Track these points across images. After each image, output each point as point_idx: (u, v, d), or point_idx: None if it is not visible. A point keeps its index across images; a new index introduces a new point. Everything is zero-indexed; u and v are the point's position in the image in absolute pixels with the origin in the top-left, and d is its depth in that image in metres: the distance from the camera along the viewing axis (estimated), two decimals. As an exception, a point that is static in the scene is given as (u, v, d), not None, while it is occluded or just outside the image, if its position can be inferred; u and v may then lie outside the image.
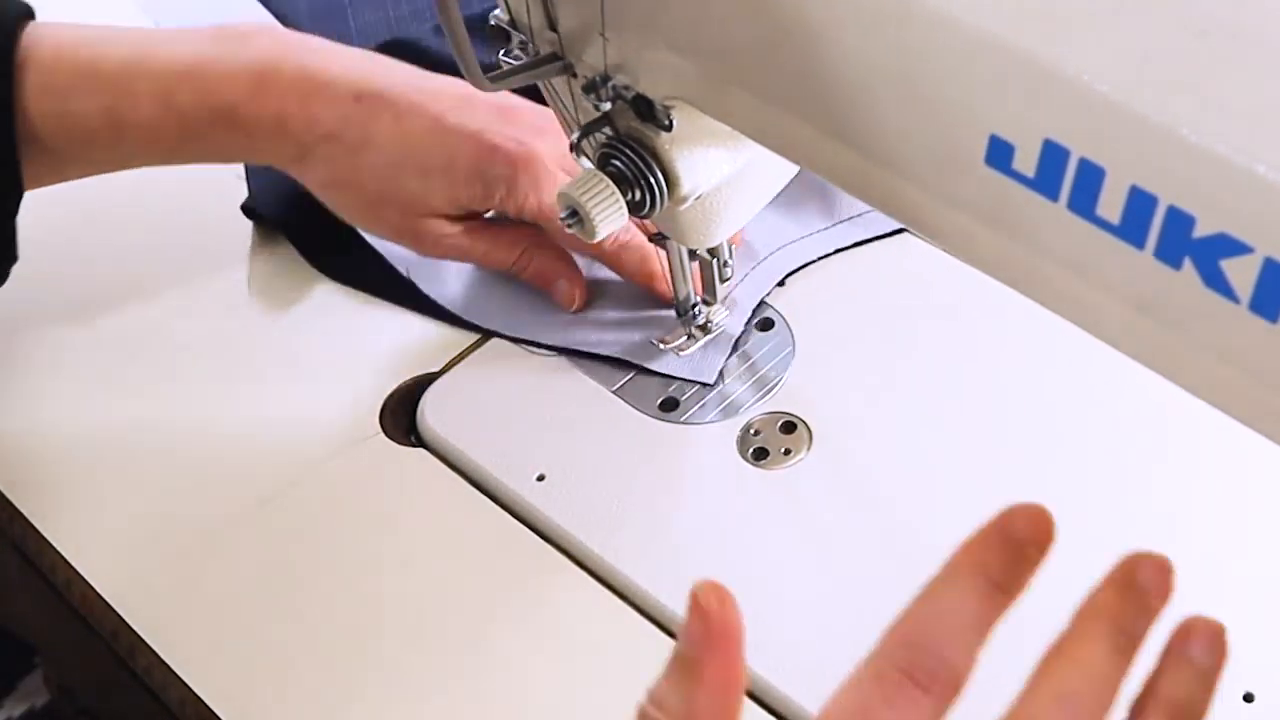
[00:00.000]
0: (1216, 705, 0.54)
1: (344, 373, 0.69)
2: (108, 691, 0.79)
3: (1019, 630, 0.58)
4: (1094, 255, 0.38)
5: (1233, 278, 0.35)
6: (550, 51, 0.55)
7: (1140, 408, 0.63)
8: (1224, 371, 0.38)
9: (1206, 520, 0.60)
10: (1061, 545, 0.60)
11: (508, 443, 0.65)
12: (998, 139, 0.39)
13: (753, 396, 0.67)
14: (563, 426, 0.66)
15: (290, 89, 0.64)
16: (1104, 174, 0.37)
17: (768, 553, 0.61)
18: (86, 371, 0.70)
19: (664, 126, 0.52)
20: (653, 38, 0.49)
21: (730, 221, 0.61)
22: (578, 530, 0.62)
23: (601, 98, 0.53)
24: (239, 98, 0.63)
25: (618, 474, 0.64)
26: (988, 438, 0.64)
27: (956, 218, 0.42)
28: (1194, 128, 0.35)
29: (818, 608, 0.59)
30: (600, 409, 0.67)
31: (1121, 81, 0.36)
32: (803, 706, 0.56)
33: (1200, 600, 0.57)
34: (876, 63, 0.42)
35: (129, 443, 0.67)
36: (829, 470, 0.63)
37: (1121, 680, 0.39)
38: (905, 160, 0.43)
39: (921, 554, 0.60)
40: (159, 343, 0.71)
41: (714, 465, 0.64)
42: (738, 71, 0.47)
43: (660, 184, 0.54)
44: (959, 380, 0.66)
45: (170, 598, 0.62)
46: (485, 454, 0.65)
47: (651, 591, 0.60)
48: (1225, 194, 0.35)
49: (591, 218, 0.54)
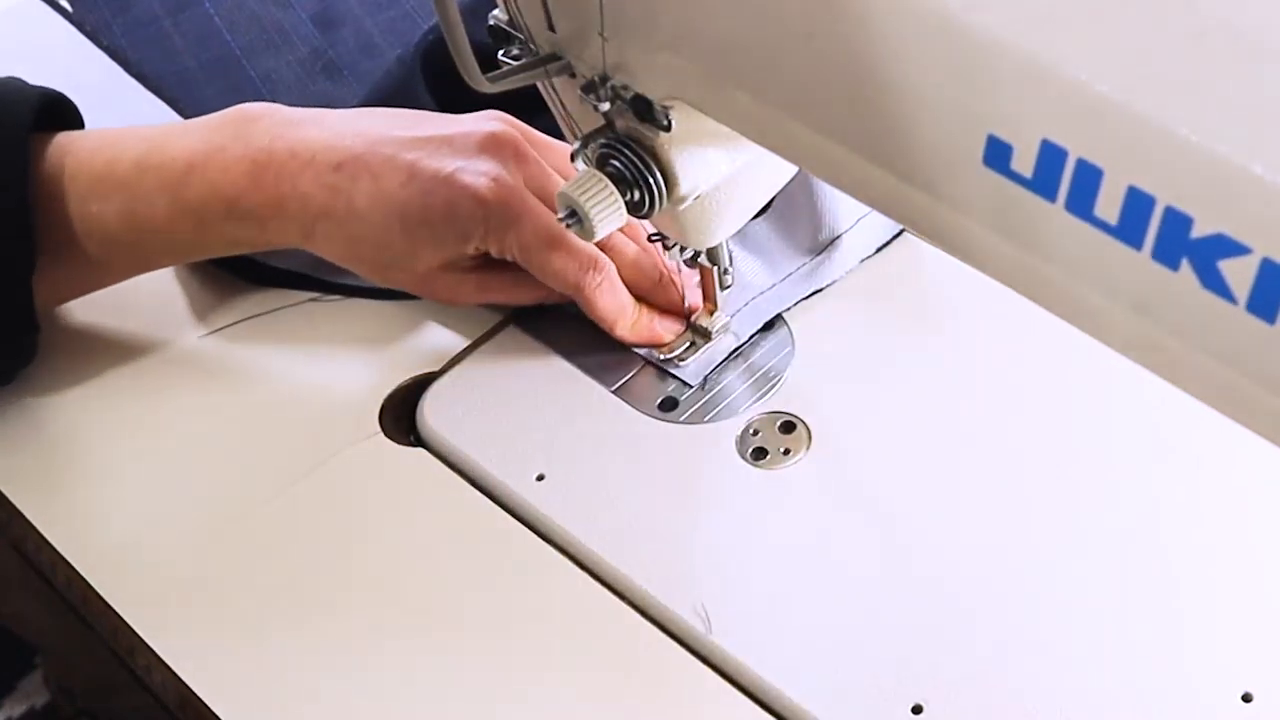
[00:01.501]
0: (1216, 705, 0.54)
1: (344, 372, 0.69)
2: (108, 691, 0.79)
3: (1019, 630, 0.58)
4: (1092, 256, 0.38)
5: (1230, 278, 0.35)
6: (549, 51, 0.55)
7: (1138, 408, 0.63)
8: (1222, 372, 0.38)
9: (1205, 521, 0.60)
10: (1061, 545, 0.60)
11: (507, 443, 0.65)
12: (995, 139, 0.39)
13: (752, 396, 0.67)
14: (562, 426, 0.66)
15: (283, 172, 0.64)
16: (1102, 174, 0.37)
17: (767, 552, 0.61)
18: (86, 372, 0.70)
19: (663, 127, 0.52)
20: (651, 38, 0.50)
21: (729, 221, 0.61)
22: (577, 530, 0.62)
23: (600, 98, 0.53)
24: (240, 189, 0.64)
25: (617, 474, 0.64)
26: (986, 438, 0.64)
27: (954, 218, 0.42)
28: (1193, 128, 0.35)
29: (817, 607, 0.59)
30: (600, 409, 0.67)
31: (1120, 81, 0.36)
32: (803, 706, 0.56)
33: (1200, 600, 0.57)
34: (875, 63, 0.42)
35: (129, 443, 0.67)
36: (828, 470, 0.63)
37: None
38: (904, 160, 0.43)
39: (920, 554, 0.61)
40: (158, 343, 0.71)
41: (713, 465, 0.64)
42: (737, 71, 0.47)
43: (659, 184, 0.54)
44: (958, 380, 0.66)
45: (170, 597, 0.62)
46: (485, 454, 0.65)
47: (650, 591, 0.60)
48: (1223, 194, 0.35)
49: (590, 218, 0.54)
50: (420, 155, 0.64)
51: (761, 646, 0.58)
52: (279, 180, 0.64)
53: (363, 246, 0.65)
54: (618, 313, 0.67)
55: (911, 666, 0.56)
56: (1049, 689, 0.55)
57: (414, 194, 0.63)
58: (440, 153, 0.64)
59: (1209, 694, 0.54)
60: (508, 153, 0.64)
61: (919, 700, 0.55)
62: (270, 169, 0.64)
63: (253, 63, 0.84)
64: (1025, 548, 0.60)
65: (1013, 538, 0.60)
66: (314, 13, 0.87)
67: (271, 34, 0.86)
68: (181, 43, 0.86)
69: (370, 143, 0.64)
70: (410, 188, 0.63)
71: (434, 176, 0.63)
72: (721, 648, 0.58)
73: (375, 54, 0.84)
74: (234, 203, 0.64)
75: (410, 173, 0.63)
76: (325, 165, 0.64)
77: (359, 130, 0.65)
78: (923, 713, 0.55)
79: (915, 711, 0.55)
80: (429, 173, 0.63)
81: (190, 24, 0.86)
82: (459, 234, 0.64)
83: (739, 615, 0.59)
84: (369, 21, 0.86)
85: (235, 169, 0.64)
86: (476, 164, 0.64)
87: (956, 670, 0.56)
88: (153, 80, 0.83)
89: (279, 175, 0.64)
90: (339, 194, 0.63)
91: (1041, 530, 0.60)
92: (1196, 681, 0.55)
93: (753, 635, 0.58)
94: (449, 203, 0.63)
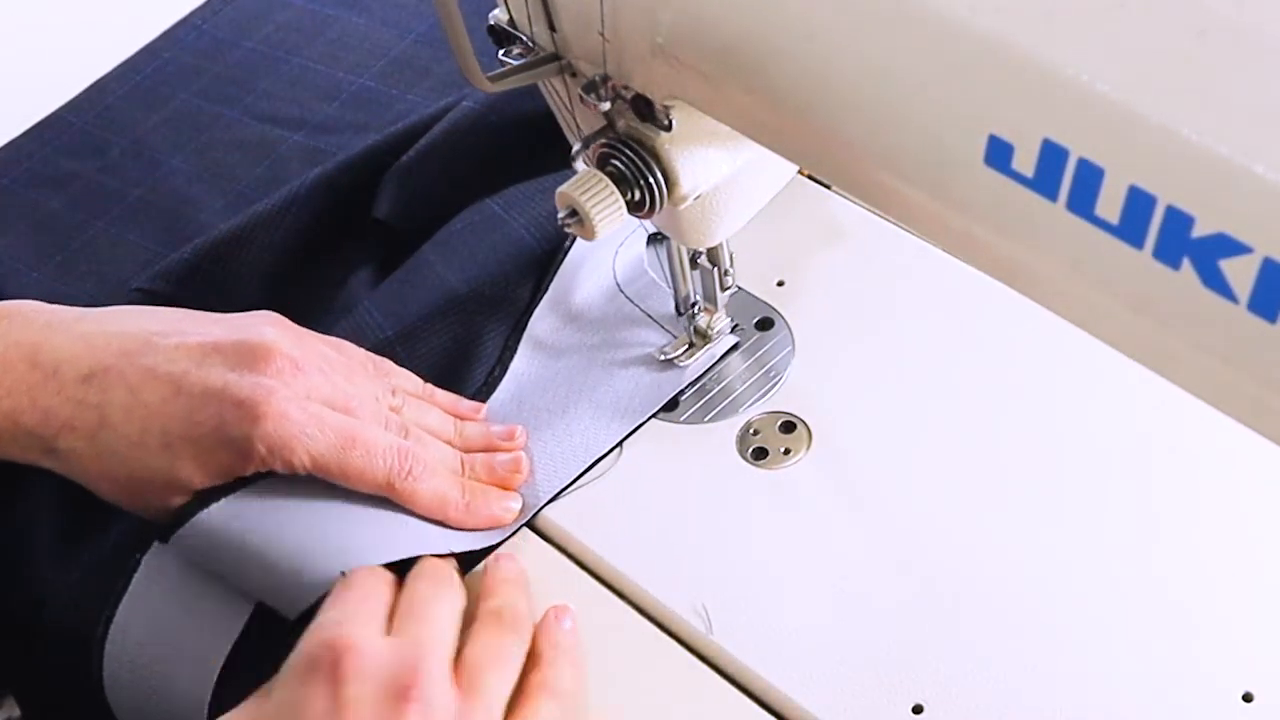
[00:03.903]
0: (1216, 704, 0.54)
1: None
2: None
3: (1019, 630, 0.58)
4: (1093, 255, 0.38)
5: (1231, 278, 0.35)
6: (550, 51, 0.55)
7: (1139, 407, 0.63)
8: (1223, 371, 0.38)
9: (1206, 520, 0.60)
10: (1061, 545, 0.60)
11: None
12: (997, 139, 0.39)
13: (752, 396, 0.67)
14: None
15: (19, 384, 0.58)
16: (1103, 174, 0.37)
17: (767, 552, 0.61)
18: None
19: (663, 126, 0.52)
20: (651, 38, 0.49)
21: (729, 221, 0.61)
22: (577, 530, 0.62)
23: (601, 98, 0.53)
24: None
25: (617, 474, 0.64)
26: (986, 437, 0.64)
27: (956, 218, 0.42)
28: (1193, 128, 0.35)
29: (817, 607, 0.59)
30: (600, 409, 0.67)
31: (1120, 81, 0.36)
32: (802, 706, 0.56)
33: (1201, 600, 0.57)
34: (876, 63, 0.42)
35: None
36: (828, 470, 0.63)
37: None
38: (905, 160, 0.43)
39: (919, 553, 0.61)
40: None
41: (714, 465, 0.64)
42: (737, 71, 0.47)
43: (659, 184, 0.54)
44: (958, 380, 0.66)
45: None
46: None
47: (650, 590, 0.60)
48: (1224, 194, 0.35)
49: (591, 217, 0.54)
50: (187, 366, 0.59)
51: (761, 646, 0.58)
52: (14, 394, 0.58)
53: (112, 463, 0.59)
54: (443, 500, 0.60)
55: (911, 666, 0.56)
56: (1049, 689, 0.55)
57: (179, 410, 0.58)
58: (209, 362, 0.59)
59: (1209, 693, 0.54)
60: (283, 362, 0.59)
61: (919, 700, 0.55)
62: (4, 382, 0.58)
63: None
64: (1026, 548, 0.60)
65: (1013, 538, 0.60)
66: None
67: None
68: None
69: (125, 352, 0.59)
70: (174, 403, 0.58)
71: (202, 391, 0.58)
72: (721, 648, 0.58)
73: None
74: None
75: (175, 386, 0.58)
76: (70, 378, 0.58)
77: (114, 335, 0.60)
78: (923, 713, 0.55)
79: (915, 711, 0.55)
80: (197, 387, 0.58)
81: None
82: (233, 452, 0.58)
83: (739, 615, 0.59)
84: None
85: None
86: (250, 376, 0.58)
87: (956, 670, 0.56)
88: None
89: (14, 388, 0.58)
90: (85, 408, 0.58)
91: (1042, 531, 0.60)
92: (1197, 681, 0.55)
93: (753, 635, 0.58)
94: (220, 420, 0.58)
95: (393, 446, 0.59)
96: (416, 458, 0.60)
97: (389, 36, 0.90)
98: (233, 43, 0.91)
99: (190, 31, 0.92)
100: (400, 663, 0.51)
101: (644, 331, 0.69)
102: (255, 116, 0.85)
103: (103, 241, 0.79)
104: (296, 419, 0.58)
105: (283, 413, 0.58)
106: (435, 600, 0.55)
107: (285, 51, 0.89)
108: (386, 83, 0.86)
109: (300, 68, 0.88)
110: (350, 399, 0.60)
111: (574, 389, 0.67)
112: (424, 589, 0.56)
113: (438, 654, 0.52)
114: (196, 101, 0.87)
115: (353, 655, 0.51)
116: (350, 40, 0.90)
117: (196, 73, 0.89)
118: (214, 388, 0.58)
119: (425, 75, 0.86)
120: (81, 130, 0.87)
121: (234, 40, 0.91)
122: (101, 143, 0.85)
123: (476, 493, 0.61)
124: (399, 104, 0.84)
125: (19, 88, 0.90)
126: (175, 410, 0.58)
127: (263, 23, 0.92)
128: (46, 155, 0.85)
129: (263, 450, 0.57)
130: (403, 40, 0.89)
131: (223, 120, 0.86)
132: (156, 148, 0.84)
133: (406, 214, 0.75)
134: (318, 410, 0.59)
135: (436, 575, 0.57)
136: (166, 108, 0.87)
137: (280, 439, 0.57)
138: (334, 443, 0.58)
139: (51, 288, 0.76)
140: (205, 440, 0.58)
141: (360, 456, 0.59)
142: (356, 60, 0.88)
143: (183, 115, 0.86)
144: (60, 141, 0.86)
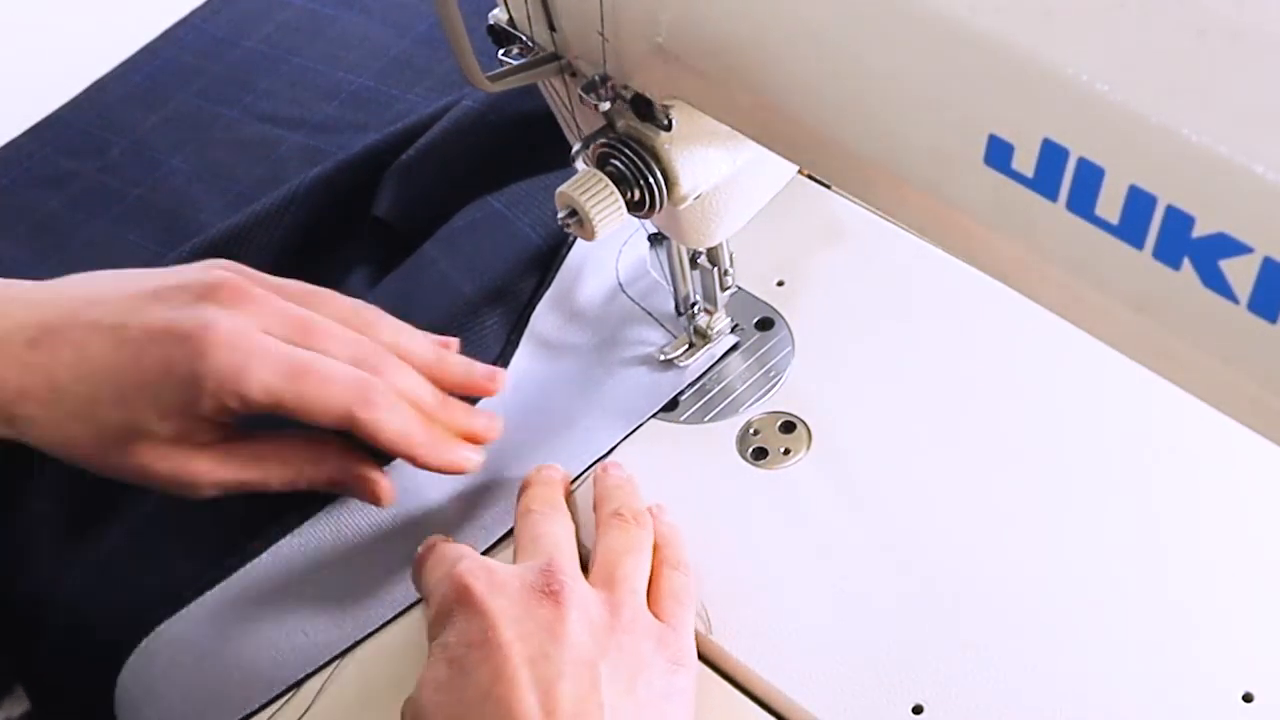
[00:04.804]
0: (1217, 705, 0.54)
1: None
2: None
3: (1019, 630, 0.58)
4: (1093, 255, 0.38)
5: (1232, 278, 0.35)
6: (550, 51, 0.55)
7: (1139, 408, 0.63)
8: (1223, 371, 0.38)
9: (1206, 520, 0.60)
10: (1061, 544, 0.60)
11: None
12: (997, 139, 0.39)
13: (752, 396, 0.67)
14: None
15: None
16: (1103, 174, 0.37)
17: (767, 552, 0.61)
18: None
19: (663, 126, 0.52)
20: (651, 38, 0.49)
21: (729, 221, 0.61)
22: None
23: (601, 97, 0.53)
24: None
25: (617, 474, 0.64)
26: (987, 437, 0.64)
27: (956, 218, 0.42)
28: (1193, 128, 0.35)
29: (817, 607, 0.59)
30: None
31: (1120, 81, 0.36)
32: (802, 706, 0.56)
33: (1201, 600, 0.57)
34: (875, 63, 0.42)
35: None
36: (828, 470, 0.63)
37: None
38: (905, 160, 0.43)
39: (919, 553, 0.61)
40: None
41: (714, 465, 0.64)
42: (737, 71, 0.47)
43: (659, 183, 0.54)
44: (958, 380, 0.66)
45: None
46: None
47: (651, 591, 0.60)
48: (1224, 194, 0.35)
49: (590, 217, 0.54)
50: (126, 315, 0.57)
51: (761, 646, 0.58)
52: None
53: (74, 427, 0.57)
54: (408, 436, 0.59)
55: (911, 666, 0.56)
56: (1049, 689, 0.55)
57: (125, 357, 0.56)
58: (149, 308, 0.57)
59: (1209, 693, 0.54)
60: (225, 295, 0.58)
61: (919, 700, 0.55)
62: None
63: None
64: (1026, 548, 0.60)
65: (1013, 538, 0.60)
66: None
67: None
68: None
69: (69, 312, 0.57)
70: (120, 353, 0.56)
71: (144, 333, 0.56)
72: (721, 648, 0.58)
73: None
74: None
75: (119, 337, 0.56)
76: (18, 344, 0.56)
77: (57, 299, 0.58)
78: (923, 713, 0.55)
79: (915, 711, 0.55)
80: (139, 331, 0.56)
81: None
82: (185, 392, 0.56)
83: (739, 615, 0.59)
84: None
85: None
86: (191, 312, 0.57)
87: (956, 670, 0.56)
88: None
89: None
90: (34, 373, 0.56)
91: (1042, 531, 0.60)
92: (1197, 681, 0.55)
93: (753, 635, 0.58)
94: (166, 360, 0.56)
95: (351, 375, 0.57)
96: (379, 389, 0.58)
97: (389, 36, 0.90)
98: (232, 42, 0.91)
99: (190, 31, 0.92)
100: (536, 575, 0.54)
101: (646, 331, 0.69)
102: (255, 116, 0.85)
103: (102, 241, 0.79)
104: (242, 347, 0.56)
105: (227, 342, 0.56)
106: (548, 523, 0.59)
107: (285, 51, 0.89)
108: (386, 82, 0.86)
109: (300, 67, 0.88)
110: (310, 325, 0.58)
111: (574, 388, 0.67)
112: (536, 518, 0.59)
113: (566, 566, 0.55)
114: (196, 101, 0.87)
115: (480, 583, 0.53)
116: (350, 40, 0.90)
117: (196, 73, 0.89)
118: (155, 328, 0.56)
119: (425, 75, 0.86)
120: (81, 130, 0.87)
121: (234, 40, 0.91)
122: (101, 143, 0.85)
123: (440, 437, 0.60)
124: (398, 104, 0.84)
125: (19, 88, 0.90)
126: (122, 360, 0.56)
127: (262, 22, 0.92)
128: (46, 155, 0.85)
129: (211, 385, 0.55)
130: (402, 40, 0.89)
131: (222, 120, 0.86)
132: (156, 148, 0.84)
133: (406, 213, 0.75)
134: (265, 339, 0.57)
135: (548, 503, 0.60)
136: (166, 108, 0.87)
137: (227, 370, 0.55)
138: (284, 370, 0.56)
139: None
140: (156, 384, 0.56)
141: (316, 384, 0.56)
142: (356, 60, 0.88)
143: (183, 115, 0.86)
144: (60, 141, 0.86)
